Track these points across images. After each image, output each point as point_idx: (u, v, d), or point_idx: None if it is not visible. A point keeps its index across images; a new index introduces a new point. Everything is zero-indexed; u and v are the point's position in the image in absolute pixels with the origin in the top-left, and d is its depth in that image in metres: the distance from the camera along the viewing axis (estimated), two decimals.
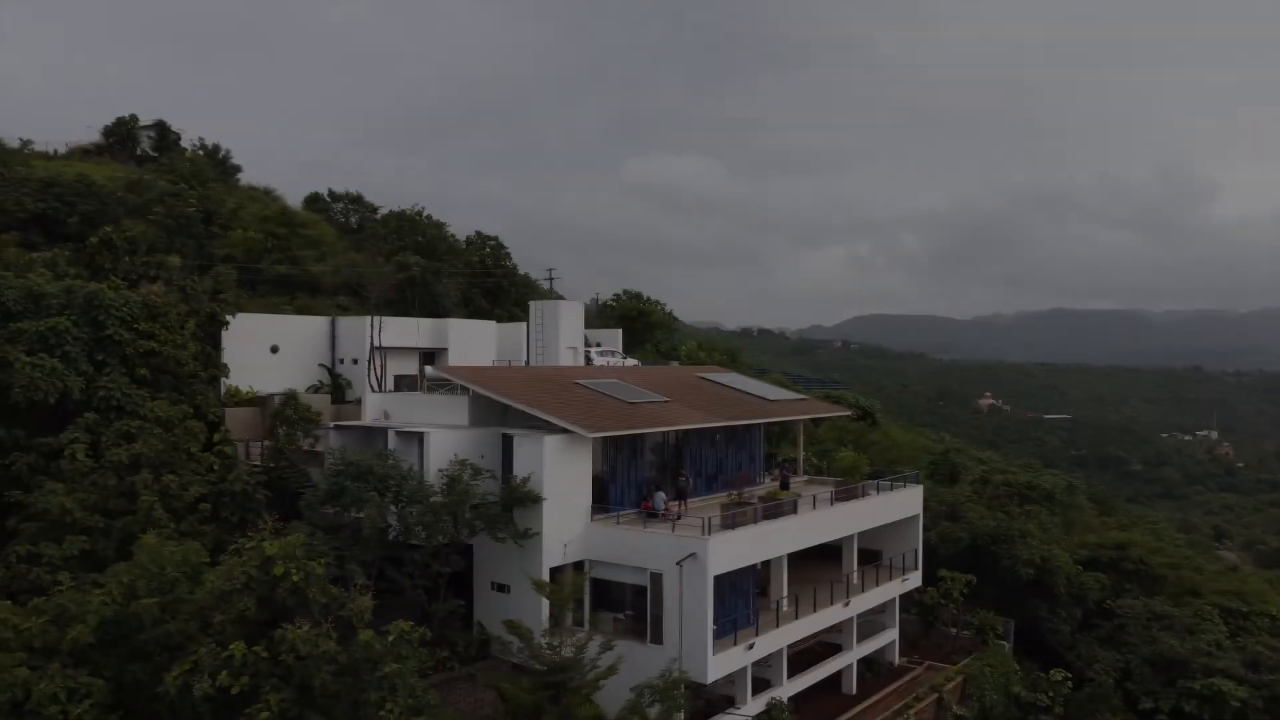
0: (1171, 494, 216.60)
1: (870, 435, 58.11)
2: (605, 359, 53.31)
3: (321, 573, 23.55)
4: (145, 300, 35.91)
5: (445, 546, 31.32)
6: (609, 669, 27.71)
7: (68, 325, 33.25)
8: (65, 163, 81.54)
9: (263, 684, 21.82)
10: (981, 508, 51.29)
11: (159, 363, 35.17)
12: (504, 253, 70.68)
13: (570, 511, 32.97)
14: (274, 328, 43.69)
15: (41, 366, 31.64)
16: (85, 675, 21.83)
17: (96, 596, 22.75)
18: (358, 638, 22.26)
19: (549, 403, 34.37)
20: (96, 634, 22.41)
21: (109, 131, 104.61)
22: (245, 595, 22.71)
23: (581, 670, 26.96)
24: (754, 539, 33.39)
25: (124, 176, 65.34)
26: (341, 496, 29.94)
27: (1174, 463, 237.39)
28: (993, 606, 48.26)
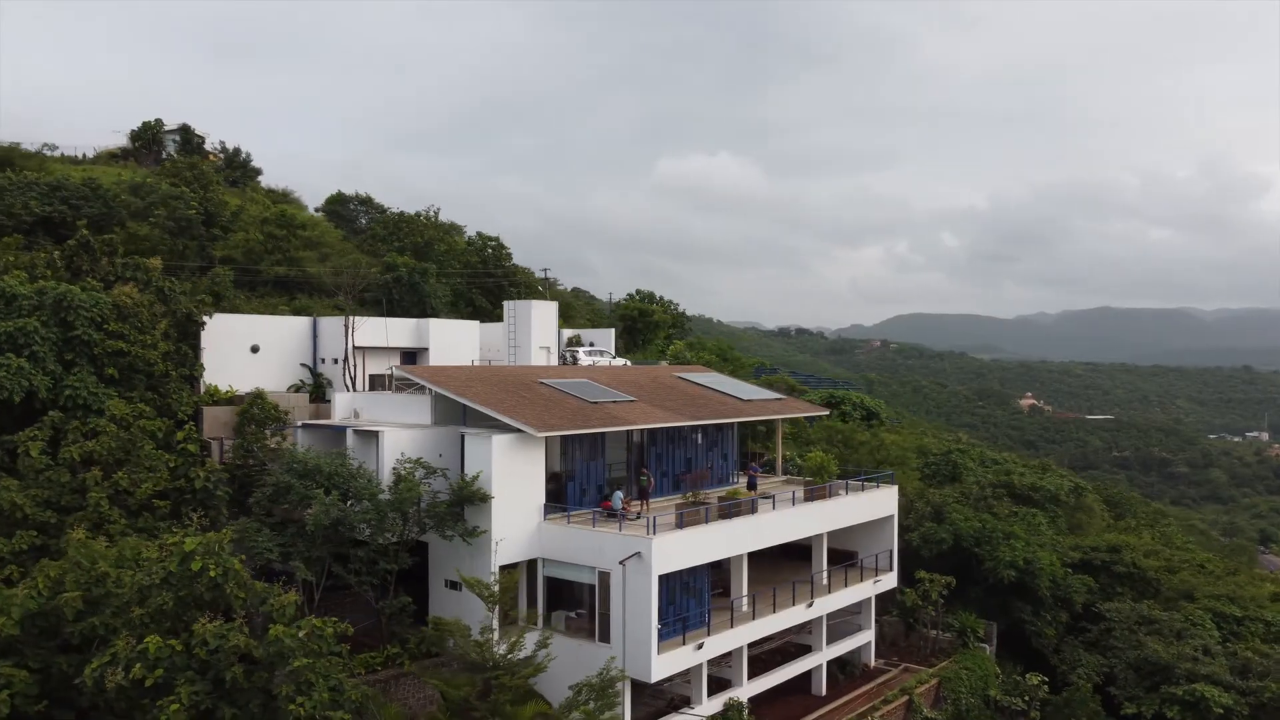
0: (1217, 497, 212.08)
1: (859, 435, 57.63)
2: (593, 359, 53.46)
3: (239, 568, 24.01)
4: (116, 301, 36.74)
5: (395, 544, 31.74)
6: (535, 666, 27.92)
7: (36, 326, 34.12)
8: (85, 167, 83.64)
9: (177, 677, 22.34)
10: (967, 509, 50.70)
11: (128, 362, 35.94)
12: (505, 253, 71.20)
13: (521, 510, 33.21)
14: (254, 328, 44.41)
15: (7, 366, 32.54)
16: (8, 666, 22.48)
17: (21, 590, 23.40)
18: (268, 633, 22.65)
19: (504, 402, 34.64)
20: (21, 626, 23.03)
21: (135, 136, 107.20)
22: (163, 590, 23.24)
23: (510, 667, 27.15)
24: (704, 539, 33.37)
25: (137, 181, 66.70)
26: (288, 494, 30.45)
27: (1221, 465, 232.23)
28: (976, 609, 47.82)
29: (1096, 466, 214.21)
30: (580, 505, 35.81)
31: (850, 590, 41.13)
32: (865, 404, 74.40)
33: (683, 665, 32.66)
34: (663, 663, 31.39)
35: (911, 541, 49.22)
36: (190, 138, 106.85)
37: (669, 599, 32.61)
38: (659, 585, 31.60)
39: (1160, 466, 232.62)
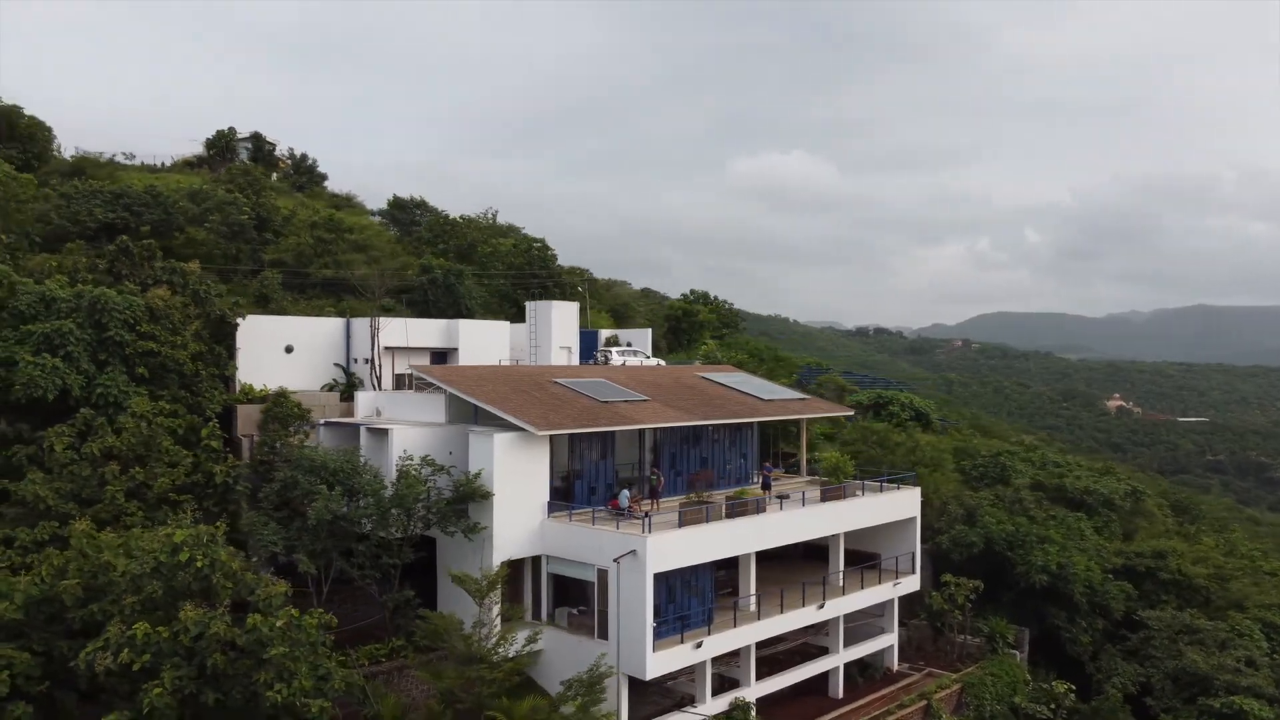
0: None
1: (895, 436, 56.79)
2: (625, 359, 53.90)
3: (226, 559, 25.03)
4: (149, 303, 38.46)
5: (399, 539, 32.58)
6: (517, 660, 28.39)
7: (71, 327, 35.93)
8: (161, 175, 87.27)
9: (164, 662, 23.43)
10: (1001, 512, 49.69)
11: (159, 362, 37.59)
12: (549, 254, 71.99)
13: (524, 507, 33.75)
14: (288, 329, 45.88)
15: (42, 365, 34.35)
16: (10, 649, 23.83)
17: (24, 578, 24.77)
18: (246, 621, 23.58)
19: (511, 401, 35.24)
20: (25, 612, 24.39)
21: (210, 144, 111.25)
22: (153, 579, 24.37)
23: (494, 660, 27.67)
24: (703, 538, 33.43)
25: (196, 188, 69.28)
26: (294, 489, 31.52)
27: None
28: (1009, 614, 46.92)
29: (1188, 470, 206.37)
30: (589, 503, 36.20)
31: (867, 592, 40.72)
32: (914, 405, 73.29)
33: (680, 664, 32.82)
34: (658, 660, 31.59)
35: (941, 544, 48.48)
36: (261, 145, 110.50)
37: (669, 597, 32.83)
38: (657, 583, 31.87)
39: (1258, 471, 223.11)
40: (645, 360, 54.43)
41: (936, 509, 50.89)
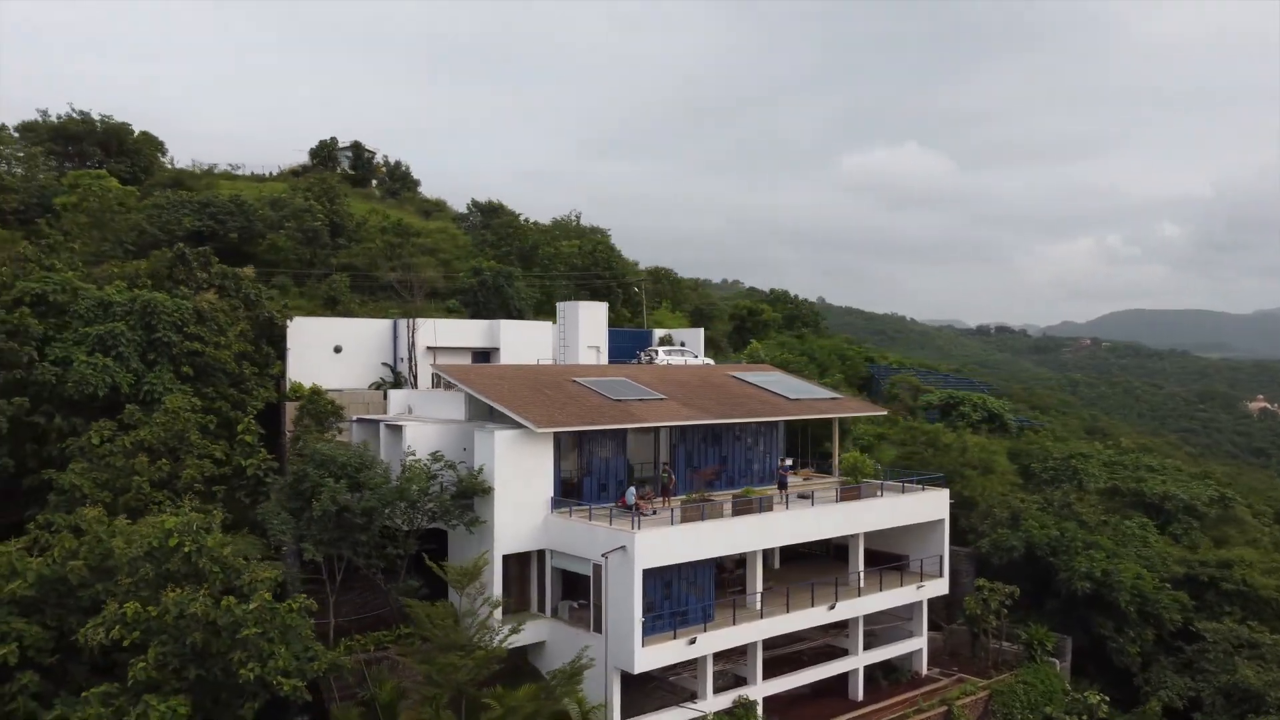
0: None
1: (945, 437, 55.46)
2: (672, 358, 54.48)
3: (213, 544, 26.85)
4: (196, 307, 41.13)
5: (403, 531, 34.03)
6: (494, 649, 29.30)
7: (123, 329, 38.80)
8: (264, 184, 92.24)
9: (152, 640, 25.35)
10: (1048, 516, 48.16)
11: (203, 361, 40.16)
12: (614, 254, 72.93)
13: (527, 502, 34.77)
14: (336, 329, 48.14)
15: (94, 364, 37.24)
16: (22, 622, 26.14)
17: (37, 559, 27.11)
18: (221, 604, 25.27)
19: (520, 399, 36.31)
20: (38, 589, 26.69)
21: (314, 154, 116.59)
22: (146, 562, 26.36)
23: (469, 650, 28.69)
24: (697, 535, 33.73)
25: (274, 196, 72.94)
26: (305, 481, 33.32)
27: None
28: (1053, 622, 45.59)
29: None
30: (599, 500, 37.01)
31: (887, 594, 40.21)
32: (987, 405, 71.46)
33: (672, 659, 33.22)
34: (648, 655, 32.10)
35: (981, 548, 47.39)
36: (360, 153, 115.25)
37: (664, 593, 33.32)
38: (652, 579, 32.48)
39: None
40: (692, 359, 54.85)
41: (981, 512, 49.76)
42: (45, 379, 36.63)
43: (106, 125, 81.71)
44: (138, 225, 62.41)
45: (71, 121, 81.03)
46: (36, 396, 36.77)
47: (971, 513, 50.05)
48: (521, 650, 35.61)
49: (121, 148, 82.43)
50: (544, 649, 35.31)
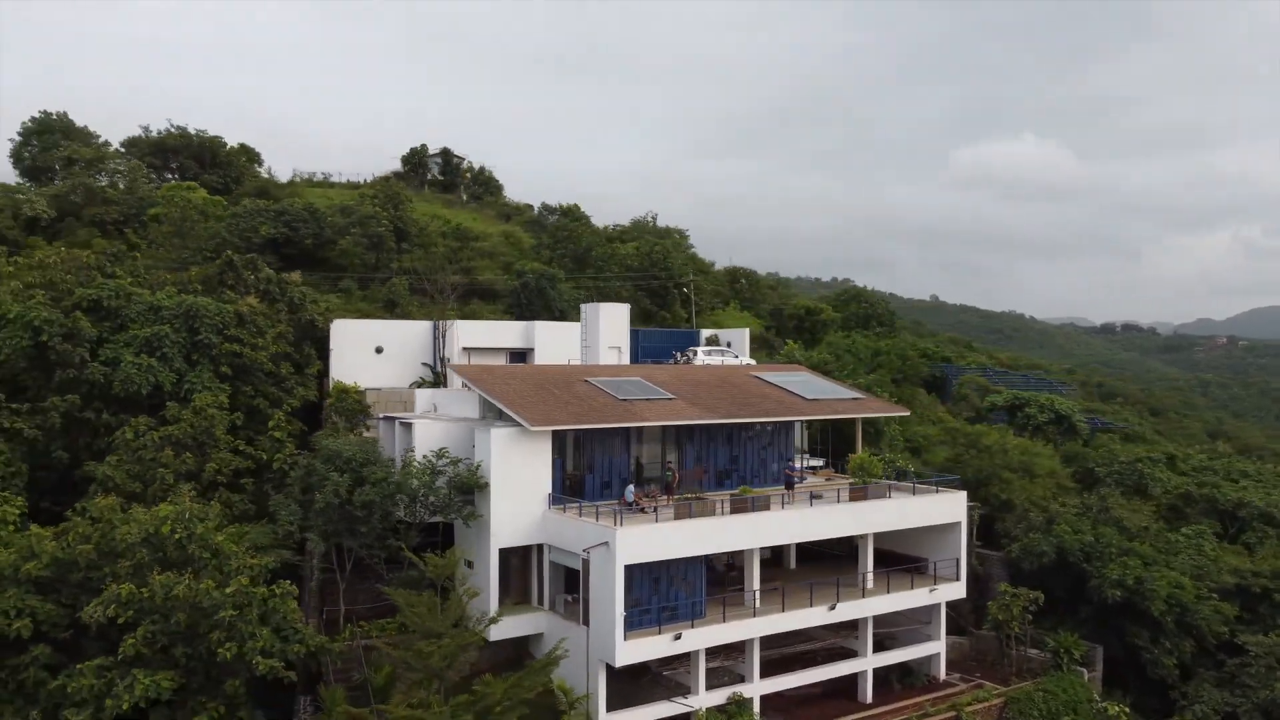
0: None
1: (987, 438, 54.08)
2: (710, 358, 55.06)
3: (201, 532, 28.91)
4: (237, 310, 43.85)
5: (404, 523, 35.65)
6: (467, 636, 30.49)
7: (168, 331, 41.75)
8: (353, 191, 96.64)
9: (144, 619, 27.54)
10: (1085, 521, 46.74)
11: (241, 362, 42.82)
12: (672, 256, 73.66)
13: (524, 498, 35.94)
14: (378, 331, 50.47)
15: (138, 364, 40.23)
16: (37, 600, 28.68)
17: (53, 542, 29.65)
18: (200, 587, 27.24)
19: (523, 398, 37.55)
20: (53, 570, 29.22)
21: (405, 161, 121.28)
22: (143, 548, 28.60)
23: (438, 639, 29.97)
24: (685, 532, 34.26)
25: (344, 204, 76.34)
26: (313, 475, 35.32)
27: None
28: (1088, 630, 44.36)
29: None
30: (602, 497, 37.98)
31: (896, 596, 39.87)
32: (1055, 406, 69.38)
33: (656, 653, 33.88)
34: (630, 648, 32.82)
35: (1012, 553, 46.42)
36: (449, 160, 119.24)
37: (652, 588, 34.05)
38: (637, 574, 33.26)
39: None
40: (732, 360, 55.26)
41: (1017, 515, 48.71)
42: (95, 378, 39.76)
43: (200, 139, 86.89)
44: (217, 234, 66.37)
45: (170, 136, 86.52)
46: (88, 394, 39.96)
47: (1008, 516, 49.02)
48: (523, 640, 36.96)
49: (214, 160, 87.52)
50: (542, 640, 36.46)
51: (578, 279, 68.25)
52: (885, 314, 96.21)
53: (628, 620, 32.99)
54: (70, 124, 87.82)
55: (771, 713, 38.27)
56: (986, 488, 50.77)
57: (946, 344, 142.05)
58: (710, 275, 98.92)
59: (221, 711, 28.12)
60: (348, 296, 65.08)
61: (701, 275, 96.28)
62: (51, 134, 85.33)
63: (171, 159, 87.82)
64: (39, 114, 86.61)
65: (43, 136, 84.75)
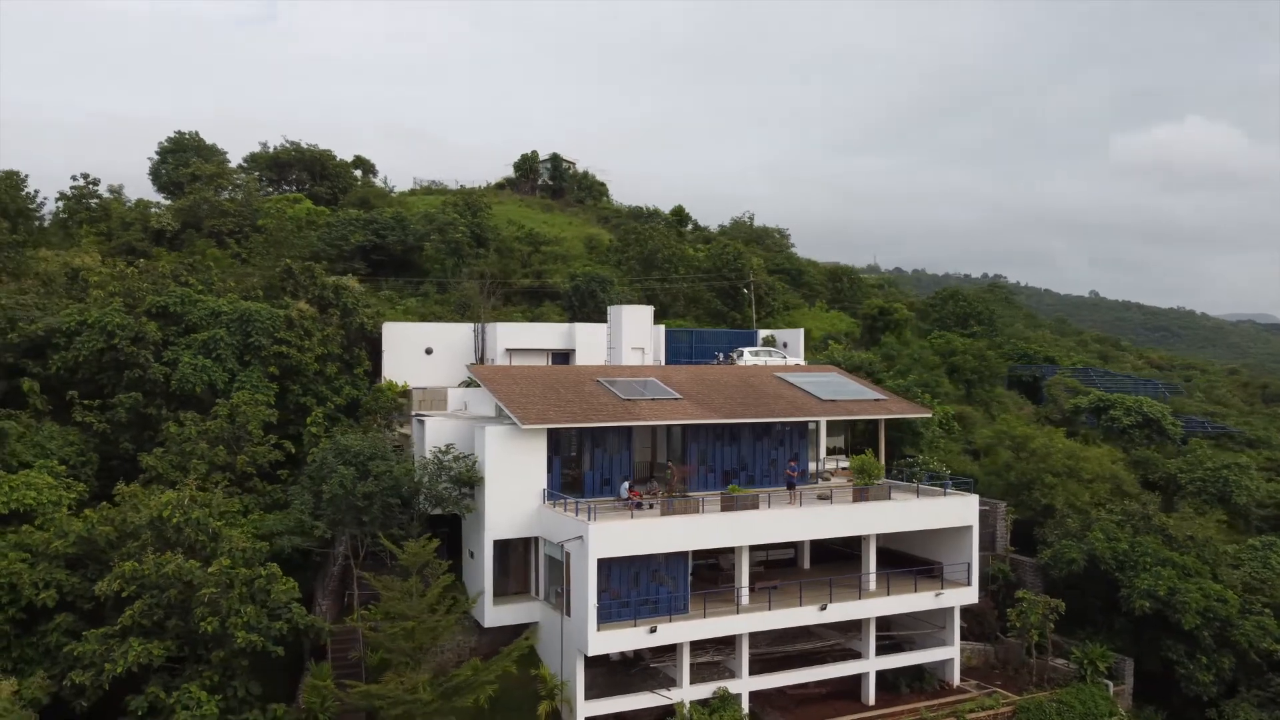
0: None
1: (1035, 441, 52.10)
2: (757, 359, 55.54)
3: (197, 516, 31.93)
4: (288, 315, 47.39)
5: (405, 515, 37.98)
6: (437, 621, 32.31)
7: (223, 334, 45.64)
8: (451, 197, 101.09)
9: (145, 594, 30.73)
10: (1123, 530, 44.83)
11: (288, 363, 46.29)
12: (740, 259, 74.03)
13: (520, 492, 37.71)
14: (427, 334, 53.26)
15: (194, 365, 44.21)
16: (64, 574, 32.32)
17: (79, 522, 33.29)
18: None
19: (526, 397, 39.33)
20: (79, 547, 32.85)
21: (516, 167, 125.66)
22: (148, 530, 31.86)
23: (404, 624, 32.00)
24: (660, 528, 35.22)
25: (428, 211, 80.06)
26: (324, 468, 38.12)
27: None
28: (1122, 642, 42.83)
29: None
30: (600, 493, 39.41)
31: (897, 599, 39.62)
32: (1143, 409, 66.23)
33: (631, 645, 35.00)
34: (602, 639, 34.11)
35: (1042, 559, 45.12)
36: (558, 164, 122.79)
37: (631, 582, 35.25)
38: (615, 567, 34.63)
39: None
40: (779, 360, 55.56)
41: (1055, 521, 47.23)
42: (156, 377, 43.93)
43: (311, 153, 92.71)
44: (312, 243, 71.13)
45: (283, 151, 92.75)
46: (150, 392, 44.14)
47: (1048, 522, 47.59)
48: (521, 628, 38.75)
49: (324, 172, 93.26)
50: (539, 629, 38.18)
51: (643, 281, 69.64)
52: (985, 313, 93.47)
53: (602, 612, 34.34)
54: (201, 142, 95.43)
55: (771, 711, 38.86)
56: (1029, 492, 49.35)
57: (1090, 343, 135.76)
58: (807, 275, 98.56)
59: (215, 680, 31.03)
60: (425, 300, 68.58)
61: (795, 275, 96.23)
62: (184, 152, 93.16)
63: (287, 172, 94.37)
64: (174, 134, 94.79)
65: (176, 154, 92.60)
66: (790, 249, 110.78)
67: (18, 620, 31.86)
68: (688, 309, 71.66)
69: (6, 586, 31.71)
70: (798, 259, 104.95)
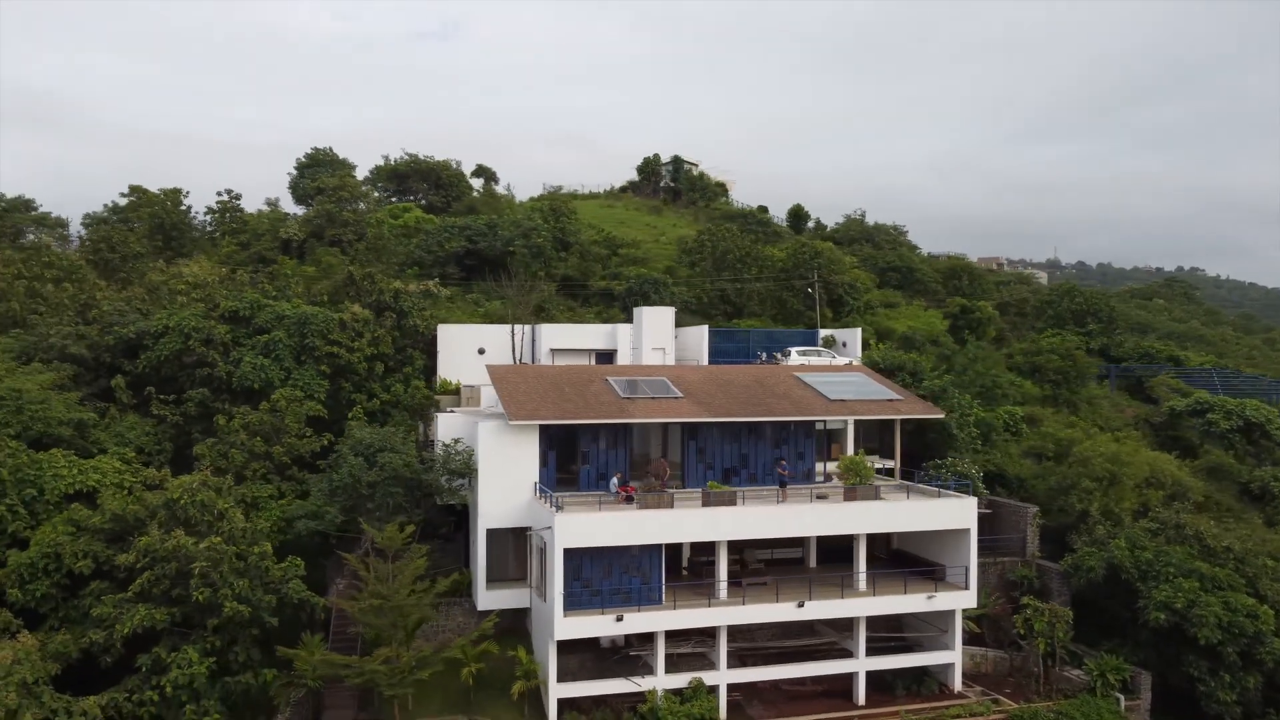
0: None
1: (1081, 446, 49.54)
2: (806, 358, 55.82)
3: (203, 499, 35.80)
4: (342, 318, 51.49)
5: (405, 503, 40.89)
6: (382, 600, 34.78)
7: (282, 336, 50.16)
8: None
9: (155, 566, 34.85)
10: (1151, 539, 42.64)
11: (339, 363, 50.33)
12: (819, 260, 73.63)
13: (512, 485, 39.89)
14: (479, 334, 56.37)
15: (253, 364, 48.86)
16: (101, 545, 36.90)
17: (115, 502, 37.86)
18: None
19: (525, 394, 41.58)
20: (114, 524, 37.41)
21: (639, 170, 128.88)
22: (163, 510, 36.02)
23: (372, 601, 34.72)
24: (628, 521, 36.62)
25: (518, 219, 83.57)
26: (340, 459, 41.57)
27: None
28: (1145, 655, 41.04)
29: None
30: (596, 488, 41.14)
31: (883, 600, 39.39)
32: (1245, 413, 62.01)
33: (598, 632, 36.58)
34: (569, 625, 35.85)
35: (1063, 566, 43.57)
36: (679, 166, 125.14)
37: (603, 572, 36.89)
38: (586, 558, 36.44)
39: None
40: (824, 360, 55.60)
41: (1087, 528, 45.42)
42: (221, 375, 48.85)
43: (428, 164, 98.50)
44: (410, 250, 76.11)
45: (401, 163, 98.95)
46: (216, 388, 49.12)
47: (1081, 528, 45.80)
48: (521, 613, 41.03)
49: (439, 181, 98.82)
50: (529, 614, 40.35)
51: (712, 282, 70.60)
52: (1103, 310, 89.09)
53: (572, 599, 36.15)
54: (333, 156, 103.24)
55: (757, 704, 39.60)
56: (1065, 497, 47.57)
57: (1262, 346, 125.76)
58: (919, 273, 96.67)
59: (216, 645, 34.80)
60: (506, 302, 72.08)
61: (906, 273, 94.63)
62: (318, 166, 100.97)
63: (407, 183, 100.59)
64: (311, 149, 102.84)
65: (311, 169, 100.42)
66: (904, 246, 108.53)
67: (63, 585, 36.68)
68: (764, 309, 72.10)
69: (53, 555, 36.58)
70: (909, 256, 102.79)
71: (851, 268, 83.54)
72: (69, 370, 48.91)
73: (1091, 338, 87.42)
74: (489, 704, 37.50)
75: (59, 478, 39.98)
